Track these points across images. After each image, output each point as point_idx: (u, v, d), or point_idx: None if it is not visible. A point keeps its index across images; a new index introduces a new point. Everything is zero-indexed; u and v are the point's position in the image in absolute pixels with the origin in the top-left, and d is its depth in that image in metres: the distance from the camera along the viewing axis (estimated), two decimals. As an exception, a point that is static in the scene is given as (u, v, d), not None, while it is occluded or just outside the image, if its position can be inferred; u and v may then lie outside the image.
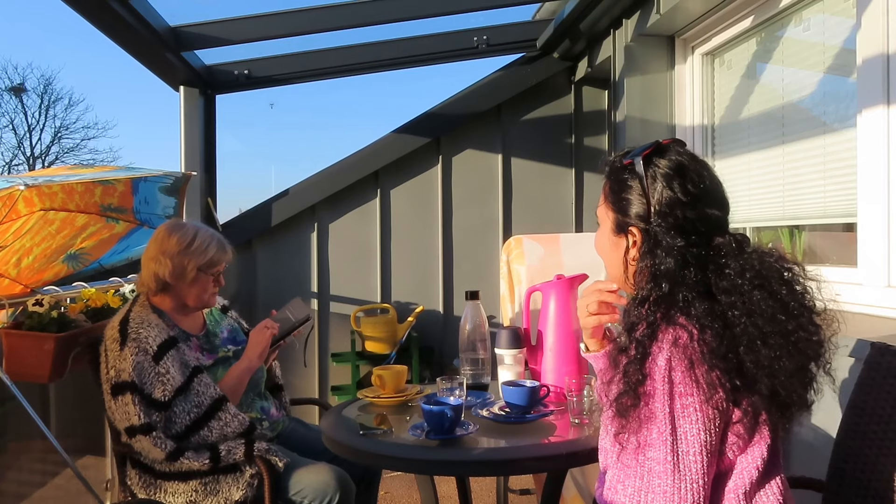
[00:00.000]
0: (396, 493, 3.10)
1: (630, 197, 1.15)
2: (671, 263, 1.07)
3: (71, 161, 21.11)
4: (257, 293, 3.79)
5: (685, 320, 1.04)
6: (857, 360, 1.49)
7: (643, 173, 1.13)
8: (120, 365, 1.76)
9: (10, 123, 20.61)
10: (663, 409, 1.02)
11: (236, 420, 1.82)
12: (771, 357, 1.02)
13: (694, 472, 1.01)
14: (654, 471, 1.02)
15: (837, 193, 2.12)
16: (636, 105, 3.01)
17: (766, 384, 1.03)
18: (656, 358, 1.03)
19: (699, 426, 1.01)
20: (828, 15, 2.18)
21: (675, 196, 1.10)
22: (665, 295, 1.06)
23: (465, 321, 1.94)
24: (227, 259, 1.97)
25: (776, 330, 1.03)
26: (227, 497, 1.77)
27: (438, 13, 3.29)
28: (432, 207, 3.94)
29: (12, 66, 25.94)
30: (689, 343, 1.02)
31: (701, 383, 1.00)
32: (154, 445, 1.73)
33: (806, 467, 1.77)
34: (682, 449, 1.01)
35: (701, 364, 1.01)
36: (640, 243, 1.14)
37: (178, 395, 1.77)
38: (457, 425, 1.48)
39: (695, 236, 1.09)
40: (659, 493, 1.01)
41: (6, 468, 2.44)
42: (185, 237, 1.89)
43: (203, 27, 3.15)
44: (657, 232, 1.10)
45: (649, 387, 1.03)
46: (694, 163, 1.14)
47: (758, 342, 1.02)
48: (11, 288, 2.38)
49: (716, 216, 1.12)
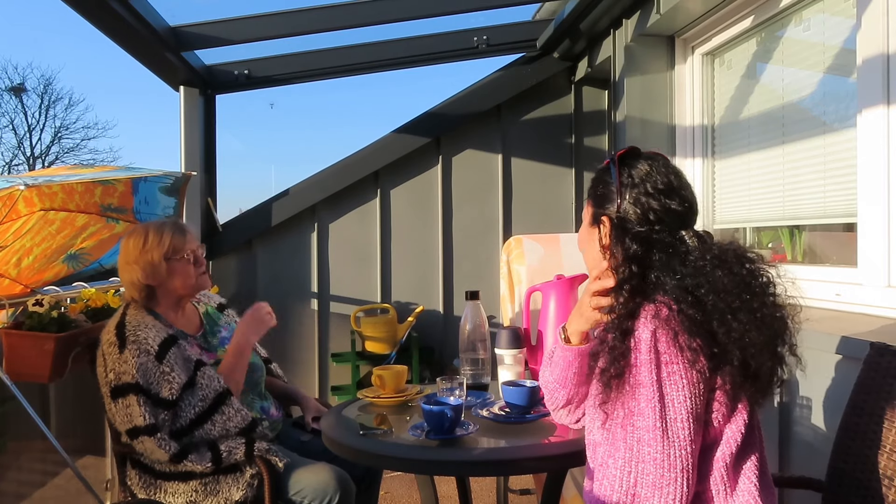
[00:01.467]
0: (396, 493, 3.10)
1: (605, 192, 1.27)
2: (637, 247, 1.16)
3: (71, 161, 21.12)
4: (257, 293, 3.80)
5: (662, 296, 1.11)
6: (857, 360, 1.49)
7: (619, 170, 1.24)
8: (120, 368, 1.76)
9: (10, 123, 20.66)
10: (650, 377, 1.07)
11: (239, 415, 1.82)
12: (741, 330, 1.08)
13: (682, 439, 1.05)
14: (642, 439, 1.07)
15: (837, 193, 2.12)
16: (636, 105, 3.01)
17: (738, 356, 1.08)
18: (641, 331, 1.09)
19: (685, 392, 1.06)
20: (828, 15, 2.18)
21: (644, 189, 1.21)
22: (636, 274, 1.15)
23: (465, 321, 1.94)
24: (188, 239, 1.95)
25: (742, 306, 1.09)
26: (227, 497, 1.77)
27: (438, 13, 3.29)
28: (432, 207, 3.94)
29: (12, 66, 25.95)
30: (671, 314, 1.08)
31: (685, 351, 1.06)
32: (158, 447, 1.73)
33: (806, 467, 1.78)
34: (669, 416, 1.06)
35: (683, 333, 1.07)
36: (608, 230, 1.23)
37: (185, 390, 1.78)
38: (457, 425, 1.48)
39: (658, 225, 1.19)
40: (649, 460, 1.05)
41: (6, 468, 2.44)
42: (140, 237, 1.92)
43: (203, 27, 3.15)
44: (624, 219, 1.21)
45: (635, 358, 1.09)
46: (665, 167, 1.25)
47: (728, 316, 1.08)
48: (11, 288, 2.38)
49: (679, 211, 1.21)
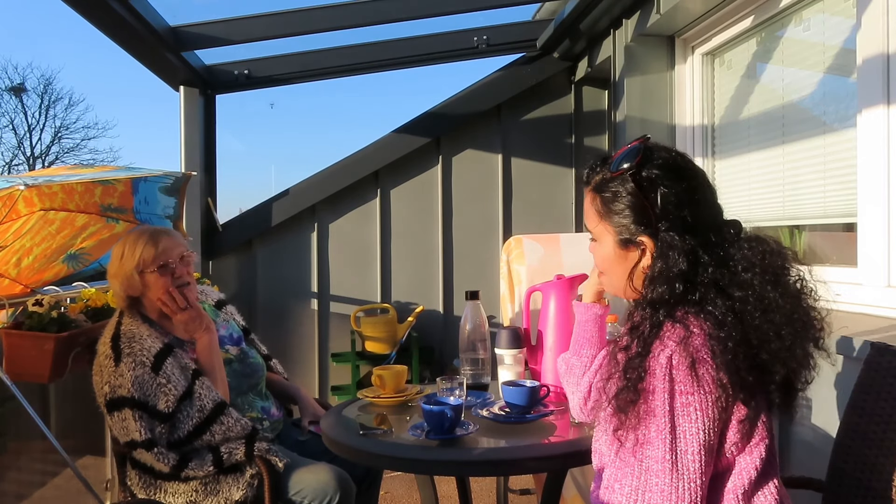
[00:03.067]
0: (396, 493, 3.10)
1: (629, 208, 1.12)
2: (684, 264, 1.05)
3: (71, 161, 21.11)
4: (257, 293, 3.79)
5: (695, 318, 1.03)
6: (857, 360, 1.49)
7: (638, 180, 1.11)
8: (116, 381, 1.74)
9: (10, 123, 20.66)
10: (663, 407, 1.01)
11: (239, 425, 1.81)
12: (785, 349, 1.04)
13: (692, 472, 1.00)
14: (651, 469, 1.01)
15: (837, 193, 2.12)
16: (636, 105, 3.01)
17: (781, 373, 1.05)
18: (658, 355, 1.02)
19: (699, 425, 1.00)
20: (828, 15, 2.18)
21: (678, 195, 1.08)
22: (677, 295, 1.05)
23: (465, 321, 1.94)
24: (161, 250, 1.84)
25: (786, 321, 1.05)
26: (228, 497, 1.77)
27: (438, 13, 3.29)
28: (432, 207, 3.94)
29: (12, 66, 25.95)
30: (697, 342, 1.01)
31: (703, 382, 1.00)
32: (157, 461, 1.73)
33: (806, 467, 1.77)
34: (680, 447, 1.00)
35: (706, 363, 1.00)
36: (651, 250, 1.11)
37: (182, 401, 1.76)
38: (457, 425, 1.48)
39: (702, 231, 1.08)
40: (657, 491, 1.00)
41: (6, 468, 2.44)
42: (119, 250, 1.86)
43: (203, 27, 3.15)
44: (667, 236, 1.08)
45: (650, 383, 1.02)
46: (680, 156, 1.14)
47: (771, 334, 1.03)
48: (11, 288, 2.38)
49: (714, 203, 1.13)
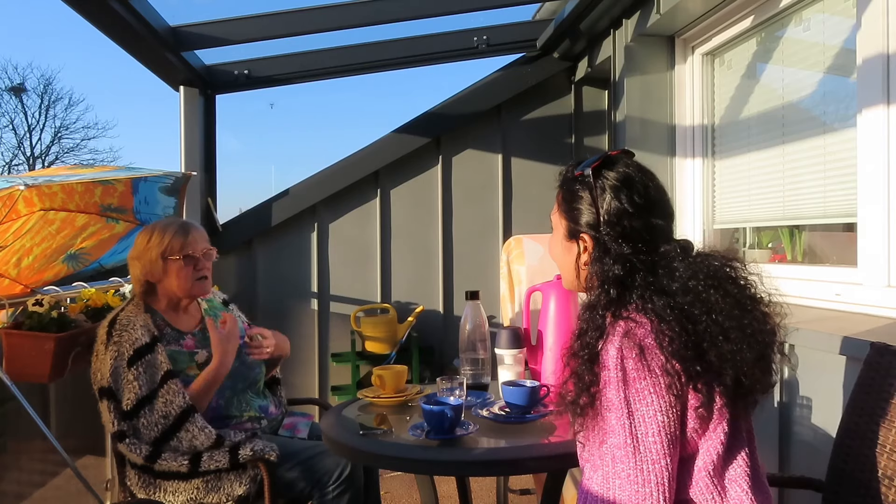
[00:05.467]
0: (396, 493, 3.10)
1: (581, 206, 1.22)
2: (619, 270, 1.13)
3: (71, 161, 21.13)
4: (257, 293, 3.79)
5: (637, 314, 1.09)
6: (857, 360, 1.49)
7: (593, 184, 1.19)
8: (102, 369, 1.80)
9: (10, 123, 20.66)
10: (618, 395, 1.06)
11: (203, 433, 1.78)
12: (733, 350, 1.07)
13: (654, 453, 1.04)
14: (616, 456, 1.06)
15: (837, 193, 2.12)
16: (636, 105, 3.01)
17: (731, 375, 1.08)
18: (608, 349, 1.08)
19: (655, 407, 1.04)
20: (828, 15, 2.18)
21: (622, 207, 1.16)
22: (613, 299, 1.13)
23: (465, 321, 1.94)
24: (189, 241, 1.92)
25: (734, 325, 1.08)
26: (230, 493, 1.77)
27: (438, 13, 3.29)
28: (432, 207, 3.94)
29: (12, 66, 25.94)
30: (641, 331, 1.06)
31: (653, 368, 1.05)
32: (129, 451, 1.76)
33: (806, 467, 1.78)
34: (640, 431, 1.05)
35: (653, 350, 1.05)
36: (590, 249, 1.20)
37: (142, 404, 1.77)
38: (457, 425, 1.48)
39: (641, 244, 1.15)
40: (623, 476, 1.05)
41: (6, 468, 2.44)
42: (147, 234, 1.94)
43: (203, 27, 3.15)
44: (605, 240, 1.17)
45: (604, 377, 1.08)
46: (640, 174, 1.20)
47: (720, 337, 1.07)
48: (11, 288, 2.38)
49: (661, 225, 1.18)
